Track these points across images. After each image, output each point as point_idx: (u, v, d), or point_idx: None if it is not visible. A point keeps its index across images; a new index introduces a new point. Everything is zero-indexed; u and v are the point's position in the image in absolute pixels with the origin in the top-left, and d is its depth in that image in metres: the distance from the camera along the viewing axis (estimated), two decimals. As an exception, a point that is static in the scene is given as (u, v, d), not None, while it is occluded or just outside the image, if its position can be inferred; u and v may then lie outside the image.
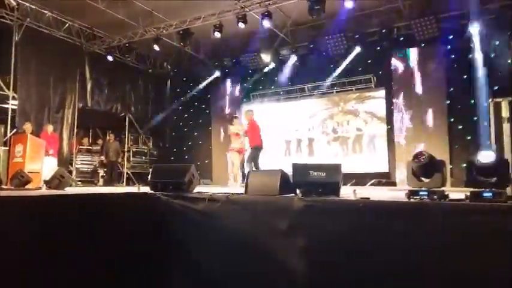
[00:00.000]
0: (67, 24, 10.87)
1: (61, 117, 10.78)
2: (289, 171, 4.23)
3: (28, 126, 8.76)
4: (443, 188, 3.42)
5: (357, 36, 10.48)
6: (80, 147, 11.85)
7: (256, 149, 8.45)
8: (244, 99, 13.03)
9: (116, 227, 4.13)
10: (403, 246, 3.12)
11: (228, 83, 13.23)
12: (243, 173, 8.24)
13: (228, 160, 9.08)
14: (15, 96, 9.60)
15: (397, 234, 3.16)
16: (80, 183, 10.95)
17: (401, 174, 9.70)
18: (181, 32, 10.67)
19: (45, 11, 10.27)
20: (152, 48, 11.23)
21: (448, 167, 9.02)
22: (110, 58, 11.75)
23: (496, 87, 8.21)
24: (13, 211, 3.55)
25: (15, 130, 9.33)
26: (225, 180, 11.09)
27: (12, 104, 9.54)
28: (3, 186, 5.76)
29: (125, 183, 11.75)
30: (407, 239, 3.11)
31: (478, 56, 9.12)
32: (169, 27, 10.74)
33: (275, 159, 11.26)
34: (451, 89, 9.73)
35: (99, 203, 4.36)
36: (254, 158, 8.37)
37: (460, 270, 2.90)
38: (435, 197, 3.27)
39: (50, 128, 9.65)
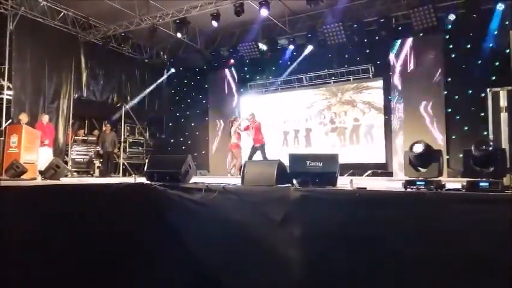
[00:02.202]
0: (62, 13, 10.74)
1: (56, 108, 10.72)
2: (286, 161, 4.21)
3: (23, 117, 8.70)
4: (440, 178, 3.41)
5: (355, 25, 10.40)
6: (76, 137, 11.79)
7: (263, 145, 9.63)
8: (242, 89, 12.97)
9: (112, 218, 4.12)
10: (400, 236, 3.12)
11: (225, 72, 13.15)
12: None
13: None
14: (10, 86, 9.52)
15: (394, 224, 3.16)
16: (75, 173, 10.93)
17: (398, 164, 9.73)
18: (177, 21, 10.56)
19: (40, 0, 10.13)
20: (148, 38, 11.12)
21: (445, 157, 9.04)
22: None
23: (494, 77, 8.19)
24: (8, 201, 3.53)
25: (10, 120, 9.27)
26: (222, 171, 11.12)
27: (7, 94, 9.46)
28: (-1, 177, 5.73)
29: (121, 173, 11.72)
30: (404, 229, 3.11)
31: (476, 46, 9.10)
32: (166, 16, 10.62)
33: (272, 150, 11.25)
34: (449, 79, 9.71)
35: (95, 193, 4.34)
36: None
37: (456, 260, 2.91)
38: (432, 186, 3.26)
39: (45, 118, 9.58)
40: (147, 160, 5.11)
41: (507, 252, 2.74)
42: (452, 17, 9.30)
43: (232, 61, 12.81)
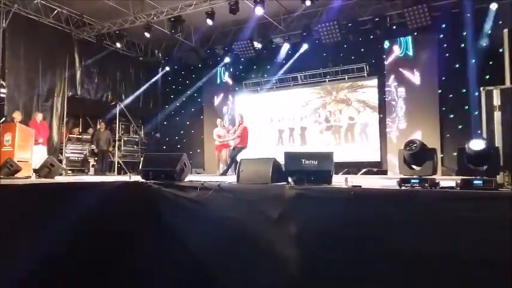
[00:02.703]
0: (56, 11, 10.65)
1: (50, 106, 10.65)
2: (281, 160, 4.22)
3: (17, 115, 8.65)
4: (434, 176, 3.44)
5: (350, 24, 10.42)
6: (70, 136, 11.73)
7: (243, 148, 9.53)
8: (237, 88, 12.96)
9: (107, 216, 4.11)
10: (395, 234, 3.13)
11: (220, 71, 13.12)
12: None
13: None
14: (4, 84, 9.44)
15: (389, 221, 3.17)
16: (70, 172, 10.86)
17: (392, 162, 9.77)
18: (172, 19, 10.53)
19: (33, -3, 10.06)
20: (143, 36, 11.08)
21: (439, 155, 9.09)
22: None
23: (487, 76, 8.24)
24: (2, 200, 3.51)
25: (3, 119, 9.20)
26: (218, 170, 11.11)
27: (0, 92, 9.39)
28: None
29: (116, 172, 11.67)
30: (399, 227, 3.13)
31: (470, 45, 9.15)
32: (161, 14, 10.58)
33: (267, 148, 11.29)
34: (443, 78, 9.75)
35: (89, 192, 4.33)
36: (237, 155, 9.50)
37: (451, 257, 2.93)
38: (426, 184, 3.28)
39: (39, 116, 9.52)
40: (142, 158, 5.10)
41: (503, 250, 2.76)
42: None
43: (227, 59, 12.77)
